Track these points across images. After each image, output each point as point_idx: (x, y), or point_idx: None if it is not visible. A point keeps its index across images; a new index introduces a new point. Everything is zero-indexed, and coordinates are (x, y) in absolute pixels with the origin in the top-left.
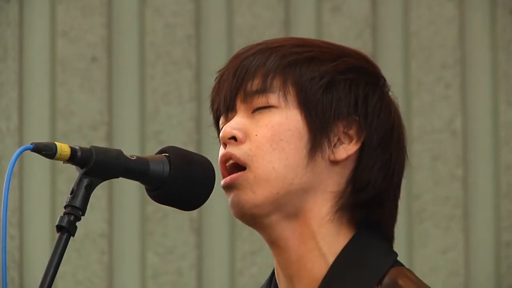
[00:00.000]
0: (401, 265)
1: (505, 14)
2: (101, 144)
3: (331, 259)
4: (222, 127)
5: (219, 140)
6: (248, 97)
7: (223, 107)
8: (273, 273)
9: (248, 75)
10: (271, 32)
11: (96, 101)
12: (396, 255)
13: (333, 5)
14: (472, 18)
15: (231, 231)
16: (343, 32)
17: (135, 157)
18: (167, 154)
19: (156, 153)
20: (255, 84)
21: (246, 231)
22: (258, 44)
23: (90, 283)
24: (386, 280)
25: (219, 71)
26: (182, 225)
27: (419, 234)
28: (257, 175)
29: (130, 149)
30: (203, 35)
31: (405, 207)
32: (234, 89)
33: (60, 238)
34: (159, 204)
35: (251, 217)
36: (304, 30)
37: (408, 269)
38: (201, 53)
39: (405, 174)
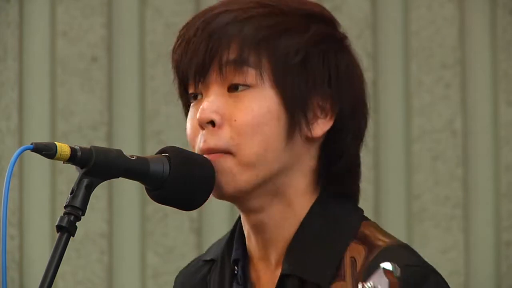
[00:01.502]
0: (368, 219)
1: (505, 14)
2: (101, 144)
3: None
4: (191, 94)
5: (183, 105)
6: (224, 67)
7: (194, 76)
8: (232, 233)
9: (222, 46)
10: None
11: (96, 101)
12: (362, 210)
13: (333, 5)
14: (472, 18)
15: None
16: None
17: (135, 157)
18: (167, 154)
19: (156, 153)
20: (231, 55)
21: None
22: (226, 11)
23: (90, 283)
24: (359, 234)
25: (181, 31)
26: (182, 225)
27: (419, 234)
28: (240, 162)
29: (130, 149)
30: None
31: (405, 207)
32: (208, 59)
33: (60, 238)
34: (159, 204)
35: (231, 199)
36: None
37: (375, 223)
38: None
39: (405, 174)
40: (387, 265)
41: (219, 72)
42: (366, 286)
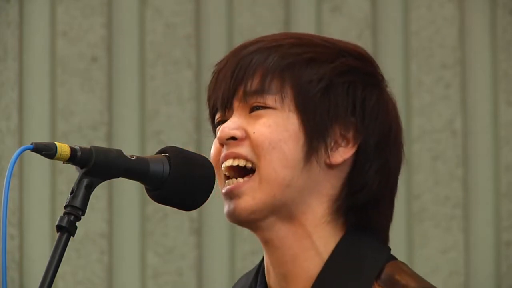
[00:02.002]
0: (395, 259)
1: (505, 14)
2: (101, 144)
3: (326, 256)
4: (217, 122)
5: (214, 134)
6: (246, 97)
7: (221, 105)
8: (259, 267)
9: (247, 75)
10: (271, 32)
11: (96, 101)
12: (389, 249)
13: (333, 5)
14: (472, 18)
15: (231, 231)
16: (343, 32)
17: (135, 157)
18: (167, 154)
19: (156, 153)
20: (254, 84)
21: (246, 231)
22: (257, 42)
23: (90, 283)
24: (383, 276)
25: (216, 65)
26: (182, 225)
27: (419, 234)
28: (262, 178)
29: (130, 149)
30: (203, 35)
31: (405, 207)
32: (232, 88)
33: (60, 238)
34: (159, 204)
35: (246, 223)
36: (304, 30)
37: (402, 262)
38: (201, 53)
39: (405, 174)
40: None
41: (242, 99)
42: None
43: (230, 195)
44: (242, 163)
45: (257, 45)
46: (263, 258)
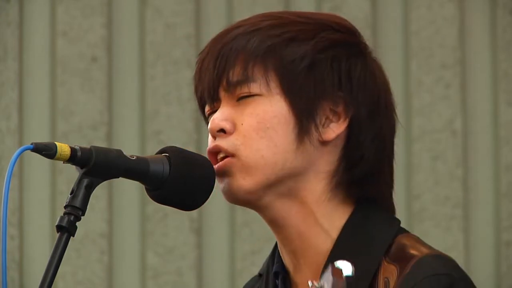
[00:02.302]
0: (405, 231)
1: (505, 14)
2: (101, 144)
3: (333, 233)
4: (208, 114)
5: (207, 126)
6: (231, 87)
7: (207, 97)
8: (275, 248)
9: (228, 64)
10: None
11: (96, 101)
12: (399, 222)
13: (333, 5)
14: (472, 18)
15: (231, 231)
16: None
17: (135, 157)
18: (167, 154)
19: (156, 153)
20: (236, 73)
21: (246, 231)
22: (236, 27)
23: (90, 283)
24: (393, 250)
25: (199, 54)
26: (182, 225)
27: (419, 234)
28: (245, 163)
29: (130, 149)
30: (203, 35)
31: (405, 207)
32: (216, 79)
33: (60, 238)
34: (159, 204)
35: (244, 202)
36: None
37: (412, 234)
38: None
39: (405, 174)
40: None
41: (227, 89)
42: None
43: (219, 174)
44: (222, 155)
45: (236, 30)
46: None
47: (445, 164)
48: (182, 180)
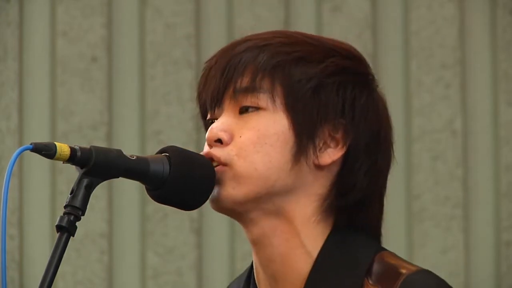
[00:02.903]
0: (383, 249)
1: (505, 14)
2: (101, 144)
3: (315, 255)
4: (208, 120)
5: (206, 132)
6: (237, 94)
7: (210, 103)
8: (249, 273)
9: (236, 73)
10: None
11: (96, 101)
12: (378, 242)
13: (333, 5)
14: (472, 18)
15: (231, 231)
16: (343, 32)
17: (135, 157)
18: (167, 154)
19: (156, 153)
20: (244, 82)
21: None
22: (247, 40)
23: (90, 283)
24: (374, 269)
25: (206, 62)
26: (182, 225)
27: (419, 234)
28: (237, 173)
29: (130, 149)
30: (203, 35)
31: (405, 207)
32: (222, 86)
33: (60, 238)
34: (159, 204)
35: (231, 212)
36: (304, 30)
37: (390, 252)
38: (201, 53)
39: (405, 174)
40: None
41: (232, 97)
42: None
43: None
44: (214, 164)
45: (247, 43)
46: (252, 262)
47: (445, 164)
48: (182, 180)
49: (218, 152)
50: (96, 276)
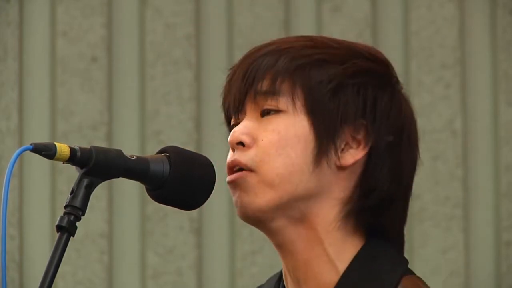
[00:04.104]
0: (412, 272)
1: (505, 14)
2: (101, 144)
3: (339, 265)
4: (233, 125)
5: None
6: (258, 97)
7: (233, 108)
8: (281, 274)
9: (257, 76)
10: (271, 32)
11: (96, 101)
12: (406, 262)
13: (333, 5)
14: (472, 18)
15: (231, 231)
16: (343, 32)
17: (135, 157)
18: (167, 154)
19: (156, 153)
20: (265, 85)
21: (246, 231)
22: (269, 44)
23: (90, 283)
24: None
25: (230, 69)
26: (182, 225)
27: (419, 234)
28: (261, 180)
29: (130, 149)
30: (203, 35)
31: None
32: (243, 91)
33: (60, 238)
34: (159, 204)
35: (255, 221)
36: (304, 30)
37: (418, 277)
38: (201, 53)
39: None
40: None
41: (253, 101)
42: None
43: (231, 185)
44: (236, 168)
45: (269, 47)
46: None
47: (445, 164)
48: (182, 180)
49: (243, 158)
50: (96, 276)
